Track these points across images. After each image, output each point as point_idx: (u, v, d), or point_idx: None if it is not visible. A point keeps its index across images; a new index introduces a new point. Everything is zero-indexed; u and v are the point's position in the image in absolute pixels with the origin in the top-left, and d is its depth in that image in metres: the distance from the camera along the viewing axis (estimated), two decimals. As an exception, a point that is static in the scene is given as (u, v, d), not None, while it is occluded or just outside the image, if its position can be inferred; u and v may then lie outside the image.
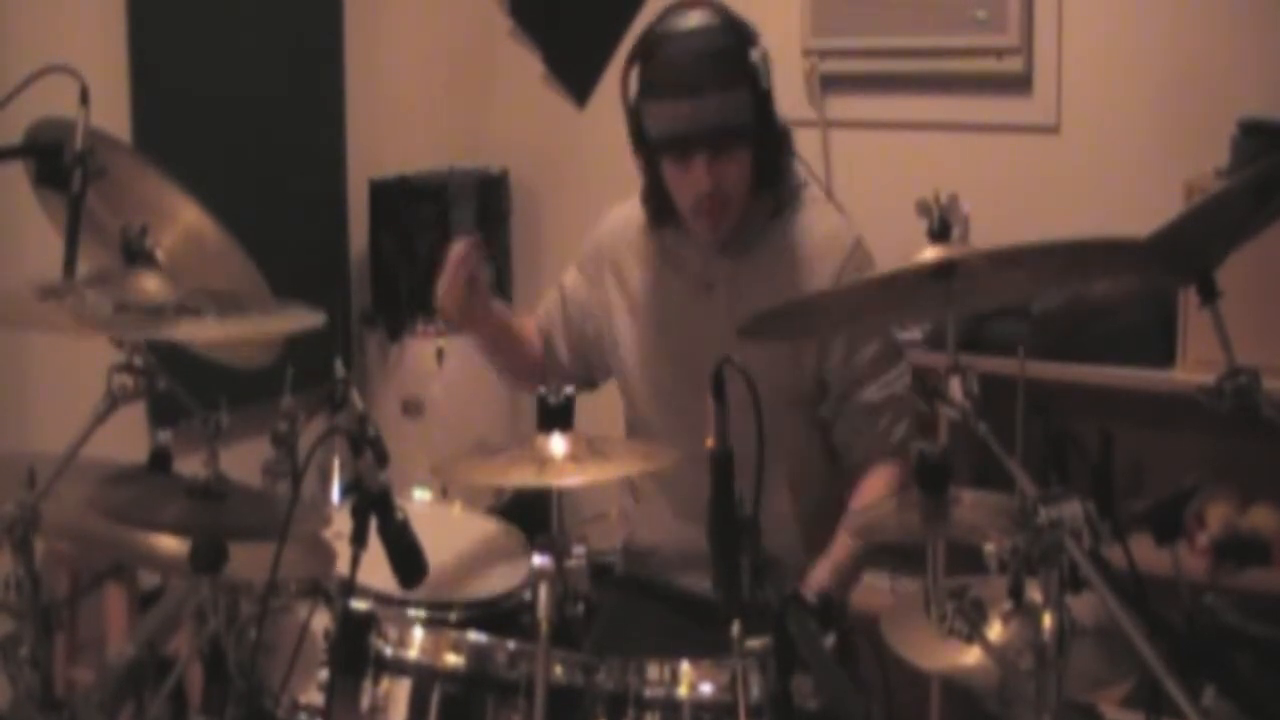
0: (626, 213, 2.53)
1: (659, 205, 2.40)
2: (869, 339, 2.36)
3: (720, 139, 2.26)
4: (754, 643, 1.70)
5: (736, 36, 2.29)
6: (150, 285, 1.77)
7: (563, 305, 2.57)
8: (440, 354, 3.90)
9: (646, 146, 2.33)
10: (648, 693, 1.89)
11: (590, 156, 4.07)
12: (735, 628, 1.67)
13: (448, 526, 2.36)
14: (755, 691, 1.71)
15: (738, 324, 1.92)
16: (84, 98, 1.88)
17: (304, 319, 1.84)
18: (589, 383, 2.58)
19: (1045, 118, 3.40)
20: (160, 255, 1.81)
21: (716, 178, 2.27)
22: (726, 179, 2.29)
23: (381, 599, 2.01)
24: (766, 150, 2.34)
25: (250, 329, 1.89)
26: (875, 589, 3.29)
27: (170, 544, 1.91)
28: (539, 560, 1.80)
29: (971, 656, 1.75)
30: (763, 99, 2.30)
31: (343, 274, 4.05)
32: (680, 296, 2.44)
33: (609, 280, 2.51)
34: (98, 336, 1.80)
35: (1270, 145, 2.88)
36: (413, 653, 1.93)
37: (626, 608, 2.44)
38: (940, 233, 1.72)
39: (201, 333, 1.79)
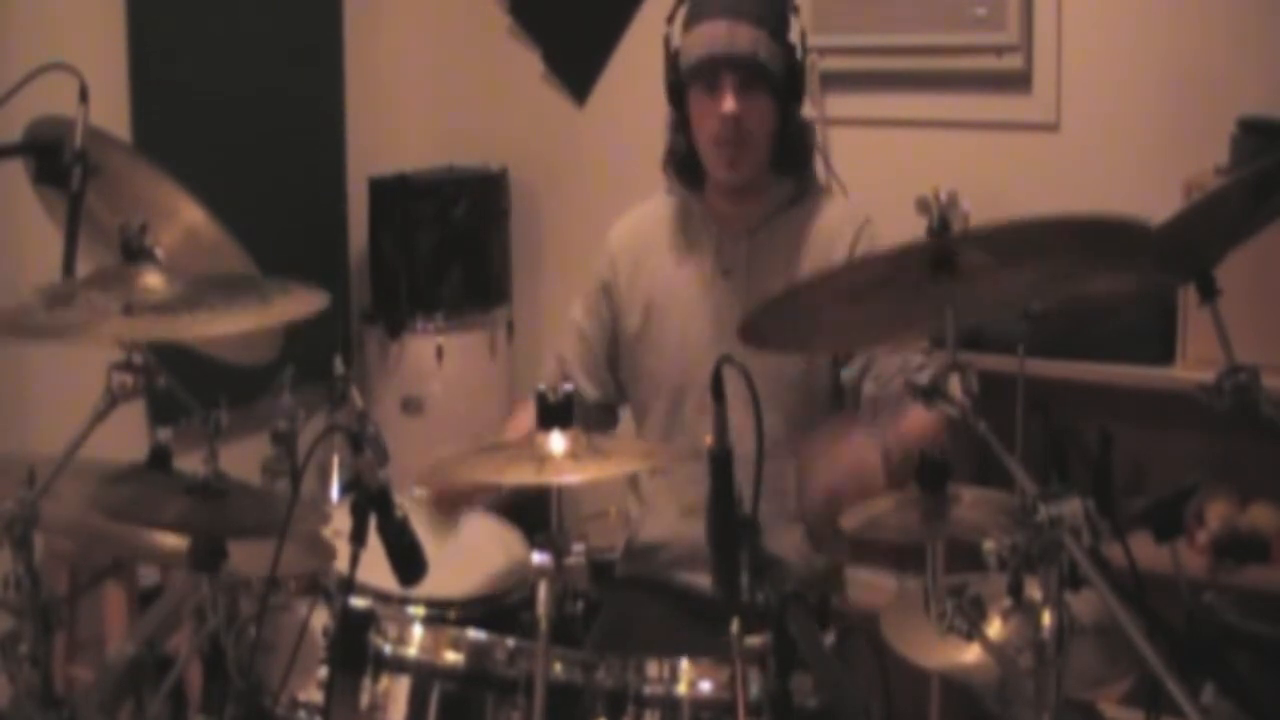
0: (640, 213, 2.56)
1: (684, 160, 2.43)
2: None
3: (751, 68, 2.32)
4: (753, 640, 1.70)
5: (782, 1, 2.39)
6: (153, 282, 1.77)
7: (580, 338, 2.56)
8: (440, 352, 3.90)
9: (680, 85, 2.39)
10: (647, 690, 1.89)
11: (589, 154, 4.07)
12: (735, 626, 1.67)
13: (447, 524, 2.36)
14: (754, 689, 1.71)
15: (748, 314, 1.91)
16: (83, 96, 1.88)
17: (308, 301, 1.82)
18: (612, 417, 2.59)
19: (1045, 115, 3.40)
20: (160, 253, 1.81)
21: (742, 106, 2.32)
22: (750, 114, 2.34)
23: (381, 597, 2.01)
24: (789, 127, 2.40)
25: (256, 316, 1.87)
26: (875, 587, 3.29)
27: (170, 542, 1.91)
28: (538, 558, 1.80)
29: (971, 654, 1.76)
30: (794, 70, 2.37)
31: (342, 272, 4.05)
32: (697, 283, 2.45)
33: (623, 282, 2.51)
34: (108, 344, 1.79)
35: (1270, 143, 2.87)
36: (412, 650, 1.93)
37: (627, 606, 2.44)
38: (940, 230, 1.72)
39: (212, 329, 1.78)
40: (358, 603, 1.95)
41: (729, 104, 2.32)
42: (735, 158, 2.37)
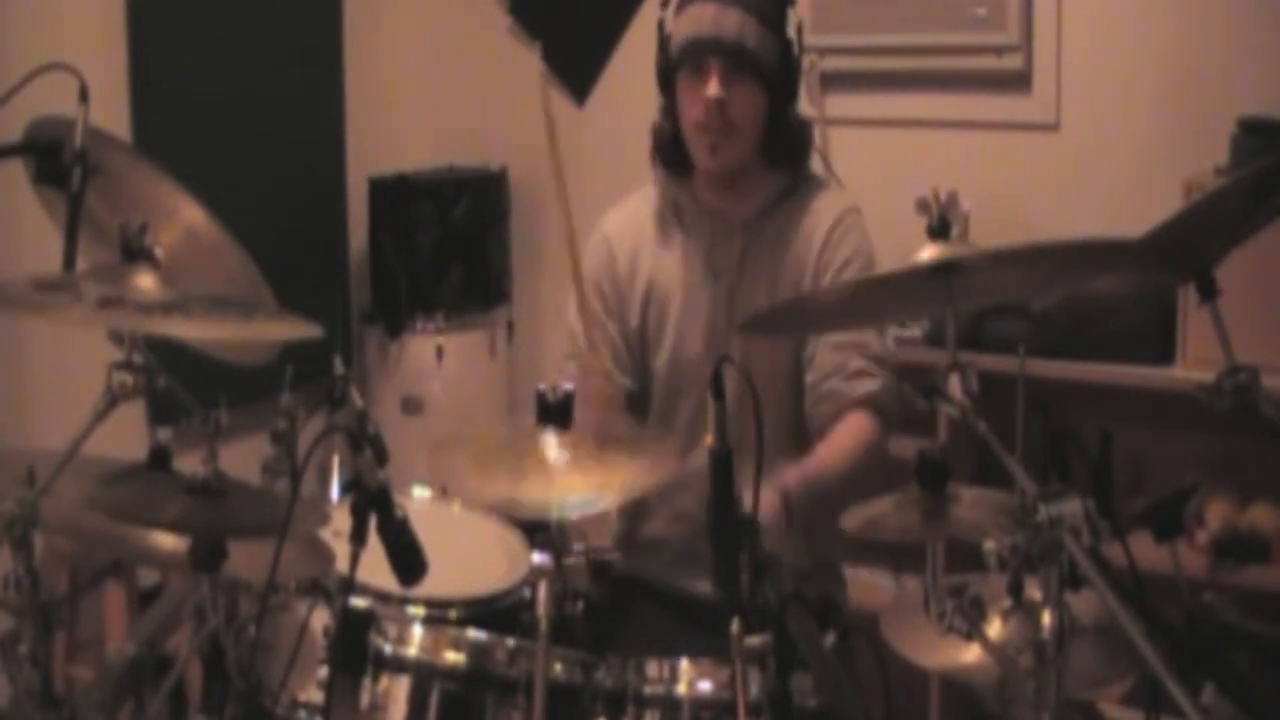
0: (630, 208, 2.54)
1: (670, 146, 2.42)
2: None
3: (737, 54, 2.30)
4: (753, 640, 1.70)
5: None
6: (145, 283, 1.77)
7: (610, 339, 2.51)
8: (439, 352, 3.90)
9: (670, 70, 2.38)
10: (647, 690, 1.89)
11: (589, 155, 4.06)
12: (735, 626, 1.67)
13: (447, 524, 2.36)
14: (754, 689, 1.71)
15: (740, 316, 1.92)
16: (83, 96, 1.88)
17: (292, 328, 1.83)
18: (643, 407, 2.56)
19: (1045, 115, 3.40)
20: (160, 253, 1.81)
21: (727, 91, 2.31)
22: (736, 102, 2.32)
23: (381, 597, 2.01)
24: (781, 120, 2.38)
25: (240, 331, 1.88)
26: (875, 587, 3.29)
27: (170, 542, 1.91)
28: (538, 558, 1.80)
29: (971, 654, 1.76)
30: (788, 63, 2.35)
31: (342, 272, 4.05)
32: (689, 285, 2.44)
33: (624, 276, 2.50)
34: (88, 325, 1.80)
35: (1270, 143, 2.88)
36: (412, 650, 1.93)
37: (626, 606, 2.44)
38: (940, 230, 1.72)
39: (190, 330, 1.78)
40: (358, 603, 1.95)
41: (713, 88, 2.30)
42: (717, 144, 2.35)
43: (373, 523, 1.77)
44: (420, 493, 2.45)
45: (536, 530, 1.87)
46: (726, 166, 2.38)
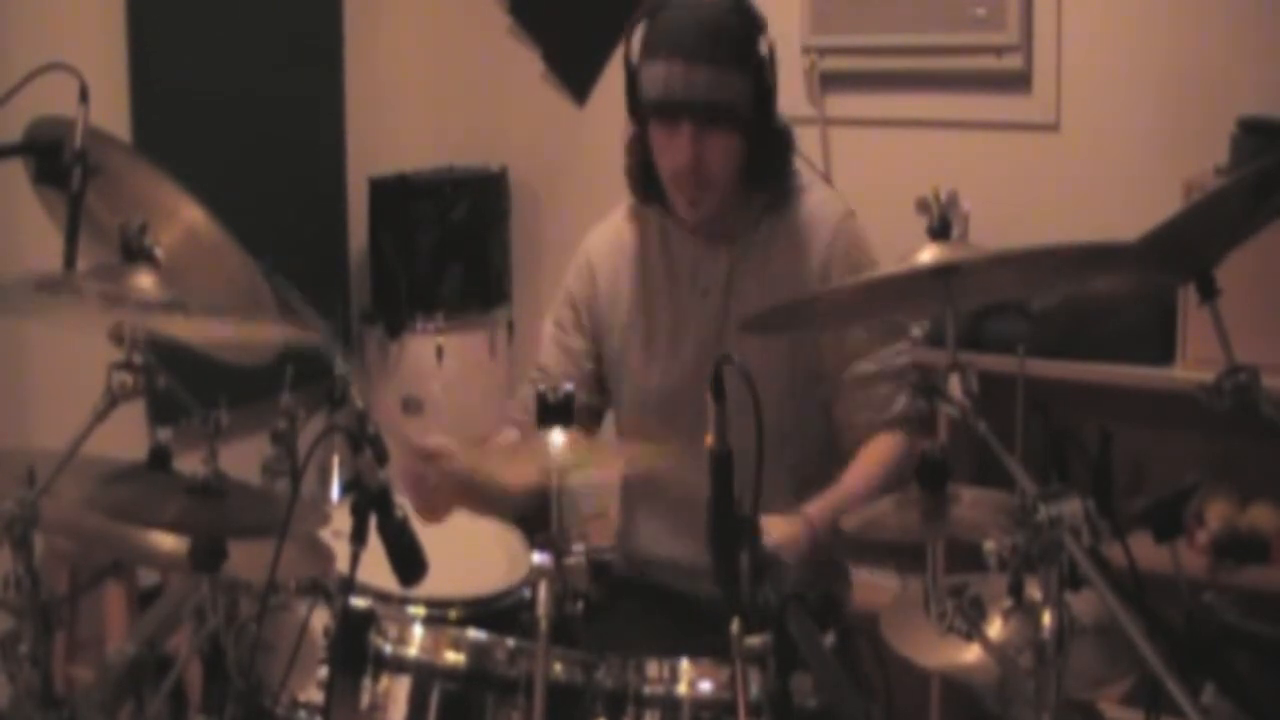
0: (614, 225, 2.51)
1: (645, 178, 2.39)
2: None
3: (709, 113, 2.25)
4: (753, 640, 1.70)
5: (744, 20, 2.29)
6: (145, 283, 1.77)
7: (565, 351, 2.50)
8: (439, 352, 3.91)
9: (639, 110, 2.33)
10: (647, 690, 1.89)
11: (589, 155, 4.07)
12: (735, 626, 1.67)
13: (447, 524, 2.36)
14: (754, 689, 1.71)
15: (736, 324, 1.91)
16: (83, 96, 1.87)
17: (293, 331, 1.83)
18: (597, 421, 2.54)
19: (1045, 116, 3.40)
20: (159, 253, 1.81)
21: (699, 152, 2.26)
22: (710, 158, 2.28)
23: (381, 597, 2.01)
24: (761, 146, 2.33)
25: (241, 332, 1.88)
26: (876, 587, 3.29)
27: (170, 542, 1.91)
28: (538, 558, 1.80)
29: (971, 654, 1.75)
30: (763, 92, 2.30)
31: (342, 272, 4.05)
32: (676, 305, 2.43)
33: (604, 299, 2.48)
34: (91, 321, 1.80)
35: (1270, 143, 2.88)
36: (412, 650, 1.93)
37: (626, 606, 2.44)
38: (940, 230, 1.72)
39: (192, 328, 1.79)
40: (358, 603, 1.95)
41: (685, 153, 2.26)
42: (696, 198, 2.32)
43: (373, 523, 1.77)
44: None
45: (536, 530, 1.86)
46: (708, 215, 2.36)
